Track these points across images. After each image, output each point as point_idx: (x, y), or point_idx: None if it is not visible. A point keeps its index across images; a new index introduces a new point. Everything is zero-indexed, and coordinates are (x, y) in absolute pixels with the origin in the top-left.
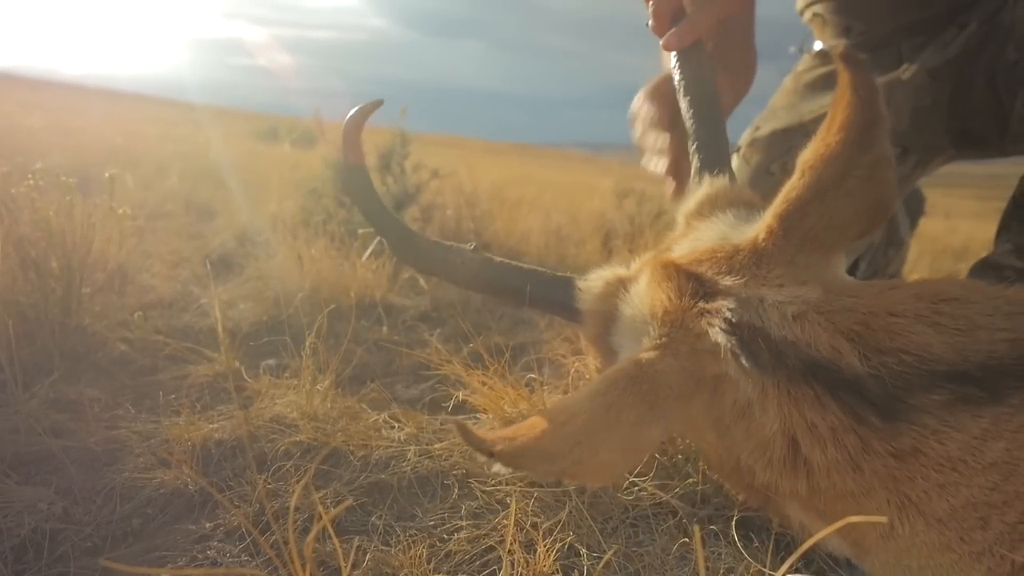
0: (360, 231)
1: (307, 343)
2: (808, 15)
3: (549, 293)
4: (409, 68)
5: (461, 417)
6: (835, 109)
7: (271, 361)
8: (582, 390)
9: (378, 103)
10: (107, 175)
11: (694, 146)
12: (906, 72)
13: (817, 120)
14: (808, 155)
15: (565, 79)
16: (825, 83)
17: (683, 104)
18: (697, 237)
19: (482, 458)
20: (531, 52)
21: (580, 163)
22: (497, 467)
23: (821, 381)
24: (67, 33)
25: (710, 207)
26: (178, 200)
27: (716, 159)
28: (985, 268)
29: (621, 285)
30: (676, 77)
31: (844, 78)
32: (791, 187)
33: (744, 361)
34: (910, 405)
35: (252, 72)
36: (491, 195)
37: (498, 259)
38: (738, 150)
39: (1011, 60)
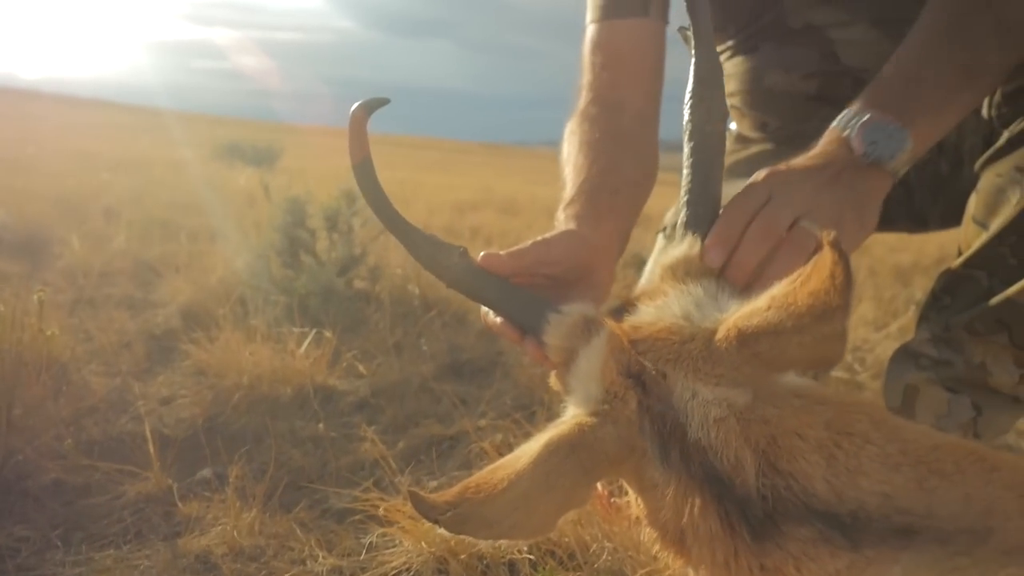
0: (296, 330)
1: (231, 477)
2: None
3: (522, 316)
4: (376, 69)
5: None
6: (811, 276)
7: (206, 471)
8: (525, 449)
9: (383, 100)
10: (35, 297)
11: (685, 198)
12: None
13: None
14: (778, 293)
15: (533, 79)
16: (747, 167)
17: (685, 149)
18: (664, 305)
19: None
20: (499, 52)
21: (548, 162)
22: (442, 530)
23: (712, 492)
24: (25, 37)
25: (684, 271)
26: (126, 258)
27: (702, 219)
28: (905, 354)
29: (587, 329)
30: (685, 117)
31: (826, 260)
32: (756, 311)
33: (658, 455)
34: (782, 531)
35: (216, 75)
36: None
37: (481, 269)
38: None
39: (944, 172)
